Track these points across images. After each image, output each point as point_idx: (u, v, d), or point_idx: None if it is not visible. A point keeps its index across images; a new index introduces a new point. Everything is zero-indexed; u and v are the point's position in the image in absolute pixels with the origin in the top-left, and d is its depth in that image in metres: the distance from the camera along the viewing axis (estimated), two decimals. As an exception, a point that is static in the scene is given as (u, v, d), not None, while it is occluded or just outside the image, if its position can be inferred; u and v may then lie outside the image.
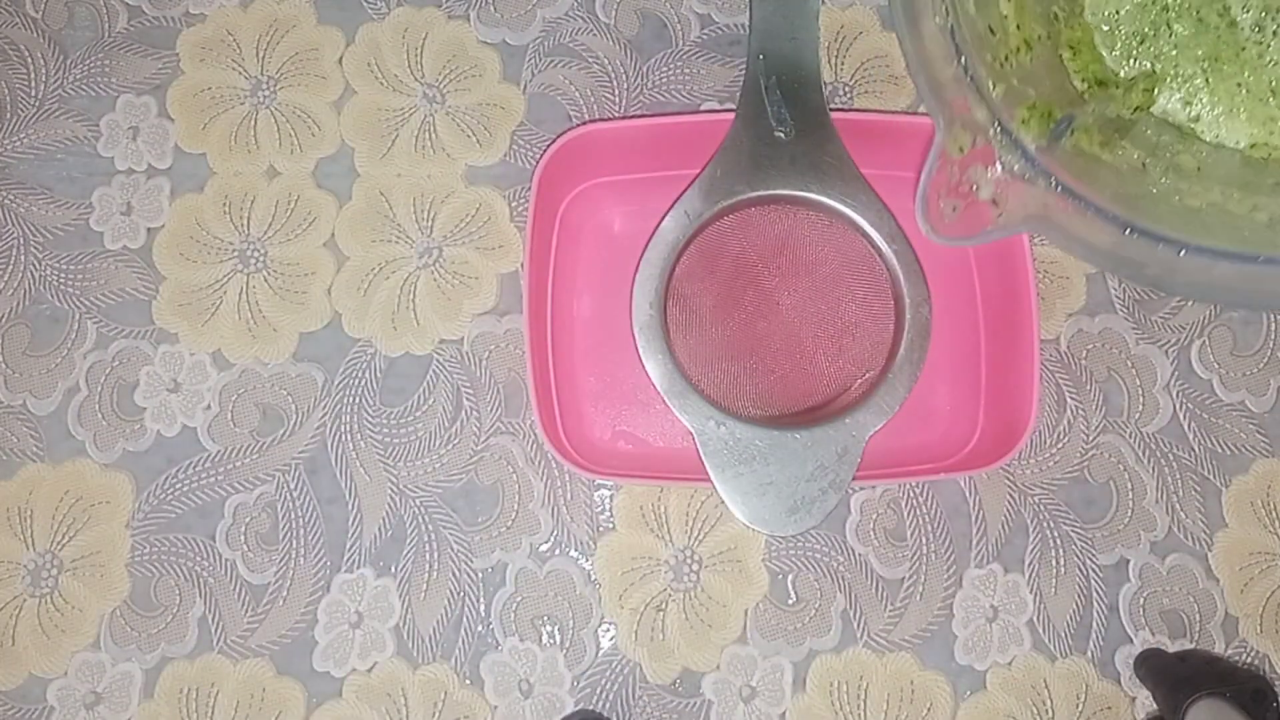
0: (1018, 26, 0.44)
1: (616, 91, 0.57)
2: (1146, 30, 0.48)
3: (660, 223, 0.47)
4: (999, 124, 0.39)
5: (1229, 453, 0.55)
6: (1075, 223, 0.39)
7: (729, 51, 0.57)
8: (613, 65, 0.58)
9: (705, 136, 0.47)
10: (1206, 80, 0.48)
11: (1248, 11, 0.46)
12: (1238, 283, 0.39)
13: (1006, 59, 0.42)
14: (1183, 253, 0.39)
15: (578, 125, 0.50)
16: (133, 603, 0.53)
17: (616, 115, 0.57)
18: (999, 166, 0.39)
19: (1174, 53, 0.48)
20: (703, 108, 0.57)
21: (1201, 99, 0.48)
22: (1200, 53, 0.47)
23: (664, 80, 0.57)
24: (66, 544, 0.53)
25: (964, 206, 0.40)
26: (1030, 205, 0.39)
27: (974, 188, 0.40)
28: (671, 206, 0.47)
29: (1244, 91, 0.47)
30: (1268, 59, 0.46)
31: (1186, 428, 0.55)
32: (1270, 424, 0.55)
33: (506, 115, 0.57)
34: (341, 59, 0.58)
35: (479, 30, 0.58)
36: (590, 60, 0.58)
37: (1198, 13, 0.47)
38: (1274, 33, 0.46)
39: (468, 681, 0.52)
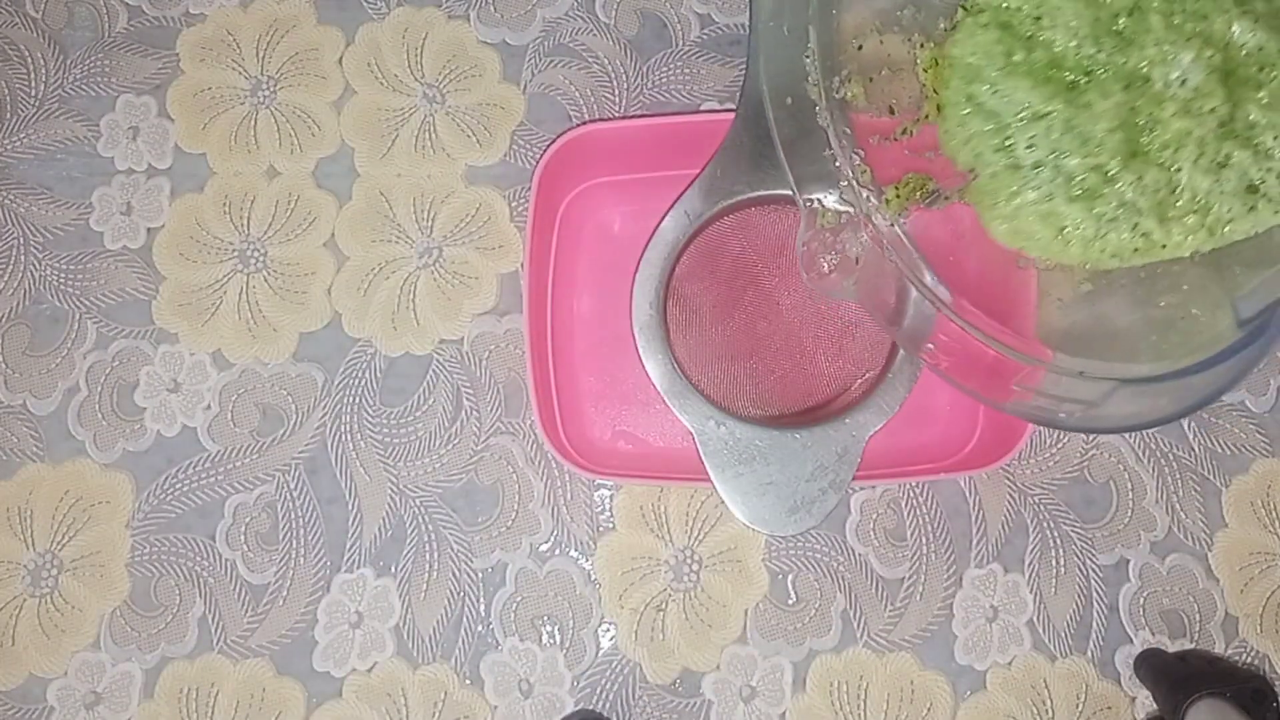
0: (935, 91, 0.44)
1: (616, 91, 0.57)
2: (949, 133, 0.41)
3: (660, 223, 0.47)
4: (863, 202, 0.42)
5: (1229, 453, 0.55)
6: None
7: (729, 51, 0.57)
8: (613, 65, 0.58)
9: (705, 136, 0.47)
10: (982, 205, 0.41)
11: (1031, 149, 0.38)
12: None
13: (905, 131, 0.42)
14: None
15: (578, 125, 0.50)
16: (133, 603, 0.53)
17: (616, 115, 0.57)
18: (869, 229, 0.42)
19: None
20: (703, 108, 0.57)
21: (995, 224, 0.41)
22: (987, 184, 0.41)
23: (664, 80, 0.57)
24: (66, 544, 0.53)
25: (840, 262, 0.43)
26: (877, 271, 0.42)
27: (846, 246, 0.43)
28: (671, 206, 0.47)
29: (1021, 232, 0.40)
30: (1048, 190, 0.39)
31: (1186, 428, 0.55)
32: (1270, 424, 0.55)
33: (506, 115, 0.57)
34: (341, 59, 0.58)
35: (479, 30, 0.58)
36: (590, 60, 0.58)
37: (975, 148, 0.40)
38: (1055, 167, 0.38)
39: (468, 681, 0.52)
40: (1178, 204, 0.36)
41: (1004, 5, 0.39)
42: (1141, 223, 0.37)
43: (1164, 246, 0.36)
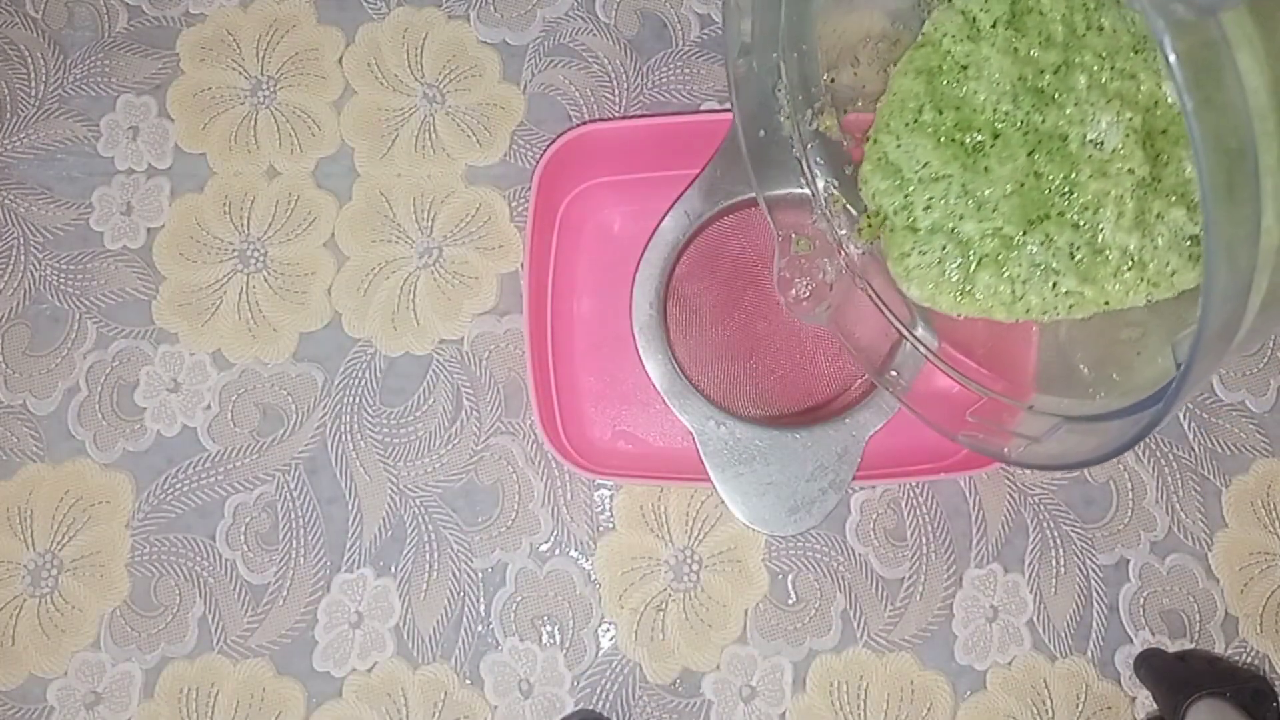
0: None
1: (616, 91, 0.57)
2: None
3: (660, 223, 0.47)
4: (835, 230, 0.43)
5: (1229, 453, 0.55)
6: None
7: (729, 51, 0.57)
8: (613, 65, 0.58)
9: (705, 136, 0.47)
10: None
11: (929, 211, 0.38)
12: None
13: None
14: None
15: (578, 125, 0.50)
16: (133, 603, 0.53)
17: (616, 115, 0.57)
18: (842, 256, 0.43)
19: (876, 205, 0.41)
20: (703, 108, 0.57)
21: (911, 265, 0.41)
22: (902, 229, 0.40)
23: (664, 80, 0.57)
24: (66, 544, 0.53)
25: (816, 287, 0.44)
26: (849, 298, 0.44)
27: (822, 274, 0.44)
28: (671, 206, 0.47)
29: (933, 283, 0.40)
30: (937, 256, 0.39)
31: (1186, 428, 0.55)
32: (1270, 424, 0.55)
33: (506, 115, 0.57)
34: (341, 59, 0.58)
35: (479, 30, 0.58)
36: (590, 60, 0.58)
37: (878, 202, 0.40)
38: (950, 232, 0.38)
39: (468, 681, 0.52)
40: (1108, 262, 0.35)
41: (940, 44, 0.38)
42: (1060, 282, 0.36)
43: (1106, 303, 0.36)
